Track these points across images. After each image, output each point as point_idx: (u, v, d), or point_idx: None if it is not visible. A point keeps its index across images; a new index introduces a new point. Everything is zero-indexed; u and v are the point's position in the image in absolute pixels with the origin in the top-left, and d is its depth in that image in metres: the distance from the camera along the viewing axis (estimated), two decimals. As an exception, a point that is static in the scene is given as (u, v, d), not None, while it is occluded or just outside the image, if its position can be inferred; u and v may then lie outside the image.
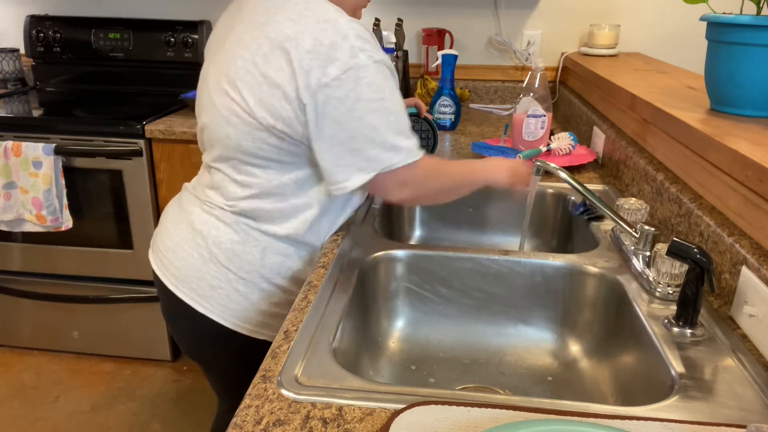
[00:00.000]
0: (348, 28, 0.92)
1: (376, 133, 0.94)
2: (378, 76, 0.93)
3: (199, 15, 2.35)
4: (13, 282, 2.20)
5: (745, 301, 0.80)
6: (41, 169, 1.92)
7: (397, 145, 0.96)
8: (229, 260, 1.03)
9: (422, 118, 1.39)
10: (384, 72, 0.94)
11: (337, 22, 0.92)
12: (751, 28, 0.98)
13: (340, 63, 0.90)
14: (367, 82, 0.91)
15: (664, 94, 1.30)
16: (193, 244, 1.05)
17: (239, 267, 1.04)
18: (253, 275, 1.04)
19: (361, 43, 0.92)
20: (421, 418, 0.62)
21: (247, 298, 1.05)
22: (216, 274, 1.04)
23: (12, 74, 2.42)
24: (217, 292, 1.04)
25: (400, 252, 1.04)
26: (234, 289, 1.04)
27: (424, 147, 1.41)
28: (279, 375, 0.70)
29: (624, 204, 1.06)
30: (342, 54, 0.90)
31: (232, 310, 1.05)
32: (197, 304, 1.05)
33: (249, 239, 1.03)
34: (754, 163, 0.81)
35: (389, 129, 0.95)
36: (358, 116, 0.92)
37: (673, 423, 0.63)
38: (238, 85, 0.95)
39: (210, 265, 1.04)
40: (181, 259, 1.06)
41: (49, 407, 2.04)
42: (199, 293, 1.05)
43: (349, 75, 0.90)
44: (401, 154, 0.96)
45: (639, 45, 2.21)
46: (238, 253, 1.03)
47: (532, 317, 1.06)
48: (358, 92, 0.91)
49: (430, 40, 2.23)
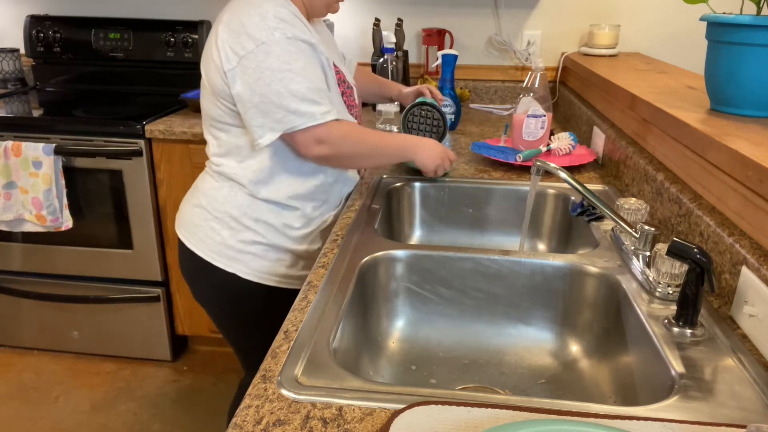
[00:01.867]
0: (267, 10, 1.10)
1: (281, 99, 1.10)
2: (288, 50, 1.10)
3: (199, 15, 2.35)
4: (13, 282, 2.20)
5: (745, 301, 0.80)
6: (41, 169, 1.92)
7: (299, 110, 1.12)
8: (208, 203, 1.24)
9: (435, 108, 1.41)
10: (297, 46, 1.11)
11: (261, 7, 1.10)
12: (751, 28, 0.98)
13: (254, 39, 1.09)
14: (276, 55, 1.09)
15: (664, 94, 1.30)
16: (191, 197, 1.29)
17: (214, 208, 1.23)
18: (224, 215, 1.22)
19: (277, 22, 1.10)
20: (421, 419, 0.62)
21: (219, 233, 1.23)
22: (199, 214, 1.25)
23: (12, 74, 2.42)
24: (198, 228, 1.24)
25: (400, 252, 1.05)
26: (209, 227, 1.23)
27: (434, 134, 1.43)
28: (279, 375, 0.70)
29: (624, 204, 1.06)
30: (257, 31, 1.09)
31: (208, 244, 1.23)
32: (185, 239, 1.26)
33: (224, 186, 1.23)
34: (754, 163, 0.81)
35: (293, 95, 1.11)
36: (266, 83, 1.10)
37: (673, 423, 0.63)
38: (202, 62, 1.19)
39: (196, 209, 1.26)
40: (183, 207, 1.31)
41: (49, 407, 2.04)
42: (188, 230, 1.26)
43: (260, 48, 1.09)
44: (303, 118, 1.12)
45: (639, 45, 2.21)
46: (215, 196, 1.23)
47: (532, 317, 1.06)
48: (268, 63, 1.09)
49: (430, 40, 2.23)
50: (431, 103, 1.41)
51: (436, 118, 1.41)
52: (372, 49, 2.19)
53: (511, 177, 1.42)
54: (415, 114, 1.42)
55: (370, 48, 2.21)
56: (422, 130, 1.43)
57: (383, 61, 2.03)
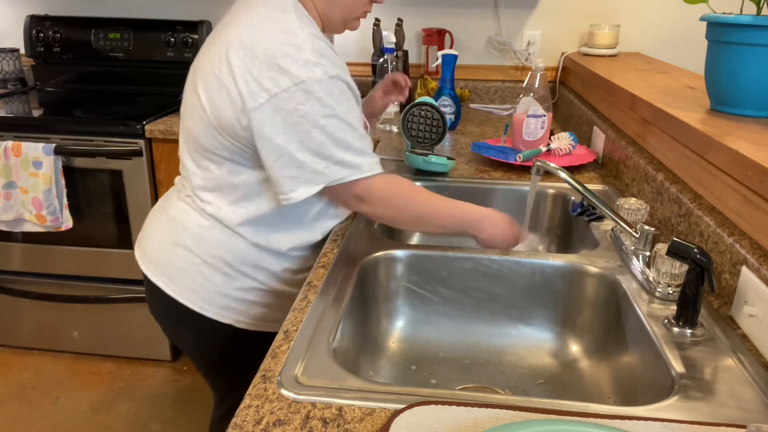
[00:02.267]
0: (305, 41, 0.92)
1: (323, 148, 0.94)
2: (331, 92, 0.92)
3: (199, 15, 2.35)
4: (13, 282, 2.20)
5: (745, 301, 0.80)
6: (41, 169, 1.92)
7: (345, 161, 0.96)
8: (195, 244, 1.05)
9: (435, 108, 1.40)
10: (339, 87, 0.94)
11: (296, 35, 0.92)
12: (751, 28, 0.98)
13: (291, 75, 0.90)
14: (318, 96, 0.91)
15: (664, 94, 1.30)
16: (166, 229, 1.09)
17: (204, 251, 1.05)
18: (217, 260, 1.06)
19: (317, 57, 0.92)
20: (421, 418, 0.62)
21: (211, 281, 1.07)
22: (183, 257, 1.06)
23: (12, 74, 2.42)
24: (182, 274, 1.07)
25: (400, 252, 1.04)
26: (199, 272, 1.06)
27: (434, 135, 1.41)
28: (279, 375, 0.70)
29: (624, 204, 1.06)
30: (292, 65, 0.90)
31: (197, 293, 1.07)
32: (165, 286, 1.08)
33: (215, 227, 1.05)
34: (754, 163, 0.81)
35: (337, 144, 0.94)
36: (305, 129, 0.92)
37: (673, 423, 0.63)
38: (198, 82, 0.98)
39: (179, 249, 1.06)
40: (155, 244, 1.10)
41: (49, 407, 2.04)
42: (168, 275, 1.08)
43: (299, 88, 0.90)
44: (348, 170, 0.96)
45: (639, 45, 2.21)
46: (204, 237, 1.05)
47: (532, 317, 1.05)
48: (309, 106, 0.91)
49: (430, 40, 2.23)
50: (431, 103, 1.41)
51: (436, 118, 1.41)
52: (372, 49, 2.19)
53: (511, 177, 1.42)
54: (414, 114, 1.42)
55: (370, 48, 2.21)
56: (422, 130, 1.43)
57: (383, 61, 2.03)
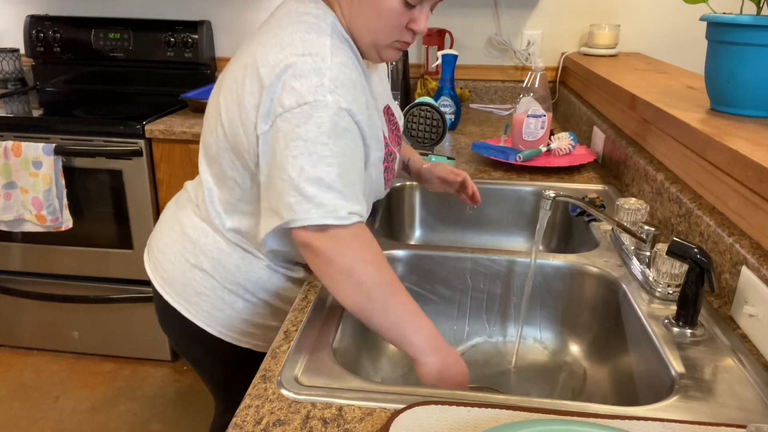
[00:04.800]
0: (329, 67, 0.81)
1: (301, 177, 0.78)
2: (335, 123, 0.80)
3: (199, 15, 2.35)
4: (13, 282, 2.20)
5: (745, 301, 0.80)
6: (41, 169, 1.92)
7: (316, 198, 0.78)
8: (214, 269, 1.00)
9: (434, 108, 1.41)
10: (346, 122, 0.82)
11: (323, 59, 0.82)
12: (751, 28, 0.98)
13: (298, 95, 0.80)
14: (319, 123, 0.79)
15: (664, 94, 1.30)
16: (181, 248, 1.02)
17: (224, 277, 1.00)
18: (238, 287, 1.01)
19: (335, 85, 0.81)
20: (421, 419, 0.62)
21: (232, 306, 1.02)
22: (201, 281, 1.01)
23: (12, 74, 2.42)
24: (201, 298, 1.02)
25: (400, 252, 1.04)
26: (218, 297, 1.01)
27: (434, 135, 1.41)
28: (279, 375, 0.70)
29: (624, 204, 1.06)
30: (304, 87, 0.80)
31: (216, 318, 1.03)
32: (183, 309, 1.03)
33: (236, 250, 0.99)
34: (754, 163, 0.81)
35: (320, 179, 0.79)
36: (292, 155, 0.79)
37: (673, 423, 0.63)
38: (220, 98, 0.91)
39: (196, 271, 1.01)
40: (170, 262, 1.03)
41: (49, 407, 2.04)
42: (185, 298, 1.03)
43: (303, 110, 0.79)
44: (320, 210, 0.78)
45: (639, 45, 2.21)
46: (224, 263, 0.99)
47: (532, 317, 1.06)
48: (306, 130, 0.79)
49: (430, 40, 2.23)
50: (431, 103, 1.41)
51: (436, 119, 1.41)
52: (372, 49, 2.19)
53: (511, 177, 1.42)
54: (414, 114, 1.42)
55: (370, 48, 2.21)
56: (422, 130, 1.43)
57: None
